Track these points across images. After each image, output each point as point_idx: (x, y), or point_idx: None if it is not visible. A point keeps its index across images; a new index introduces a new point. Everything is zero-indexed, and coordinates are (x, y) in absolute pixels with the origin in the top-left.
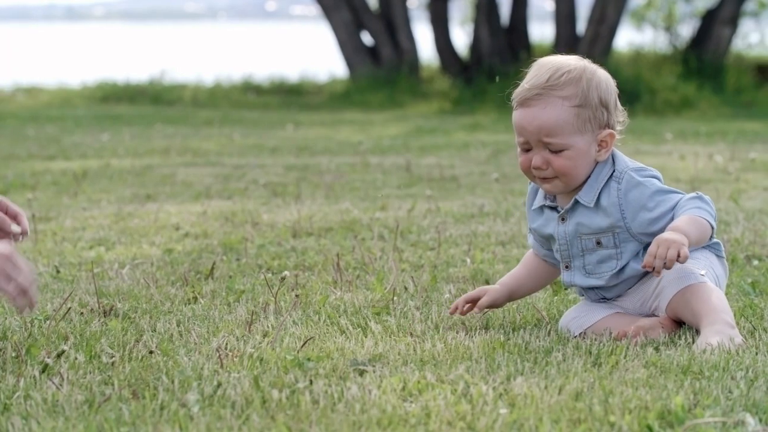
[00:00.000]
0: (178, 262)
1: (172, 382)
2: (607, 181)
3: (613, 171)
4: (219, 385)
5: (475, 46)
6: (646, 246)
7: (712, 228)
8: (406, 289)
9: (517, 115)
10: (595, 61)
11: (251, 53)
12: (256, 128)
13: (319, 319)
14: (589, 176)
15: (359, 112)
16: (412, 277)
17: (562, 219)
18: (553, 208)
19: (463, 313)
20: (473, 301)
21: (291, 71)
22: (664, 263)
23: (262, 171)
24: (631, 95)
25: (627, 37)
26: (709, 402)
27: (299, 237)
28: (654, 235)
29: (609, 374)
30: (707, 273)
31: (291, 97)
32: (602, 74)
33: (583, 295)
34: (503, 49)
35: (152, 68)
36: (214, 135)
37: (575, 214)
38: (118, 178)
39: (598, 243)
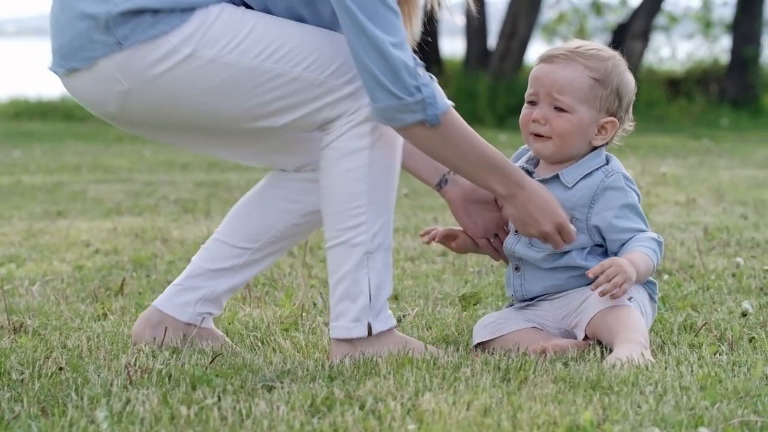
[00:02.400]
0: (89, 278)
1: (81, 398)
2: (595, 170)
3: (605, 165)
4: (128, 401)
5: None
6: (593, 247)
7: (653, 273)
8: (314, 305)
9: (536, 68)
10: (506, 76)
11: None
12: (167, 145)
13: (228, 335)
14: (579, 159)
15: None
16: (320, 293)
17: None
18: (530, 173)
19: (428, 242)
20: (449, 238)
21: None
22: (608, 284)
23: (172, 187)
24: None
25: (538, 52)
26: (618, 417)
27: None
28: (604, 239)
29: (517, 390)
30: (635, 302)
31: None
32: (629, 73)
33: (511, 295)
34: None
35: None
36: (125, 151)
37: (549, 188)
38: (29, 195)
39: None
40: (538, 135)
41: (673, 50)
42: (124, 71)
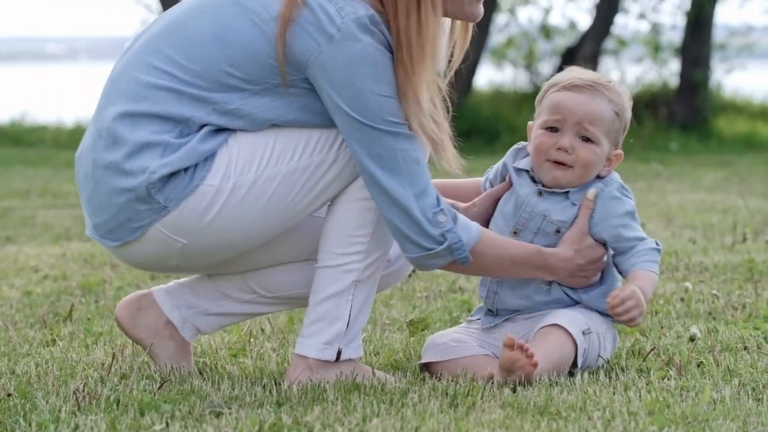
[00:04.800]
0: (37, 304)
1: (30, 424)
2: (594, 182)
3: (604, 177)
4: (76, 427)
5: None
6: None
7: None
8: (262, 330)
9: (563, 95)
10: (454, 100)
11: None
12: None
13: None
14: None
15: None
16: (268, 318)
17: (540, 194)
18: (534, 181)
19: None
20: None
21: None
22: (624, 314)
23: None
24: (491, 134)
25: (487, 76)
26: None
27: (157, 279)
28: (602, 244)
29: (465, 415)
30: (589, 336)
31: None
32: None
33: (484, 297)
34: None
35: (13, 110)
36: (74, 177)
37: (555, 200)
38: None
39: (558, 231)
40: (559, 162)
41: (622, 74)
42: (177, 230)
